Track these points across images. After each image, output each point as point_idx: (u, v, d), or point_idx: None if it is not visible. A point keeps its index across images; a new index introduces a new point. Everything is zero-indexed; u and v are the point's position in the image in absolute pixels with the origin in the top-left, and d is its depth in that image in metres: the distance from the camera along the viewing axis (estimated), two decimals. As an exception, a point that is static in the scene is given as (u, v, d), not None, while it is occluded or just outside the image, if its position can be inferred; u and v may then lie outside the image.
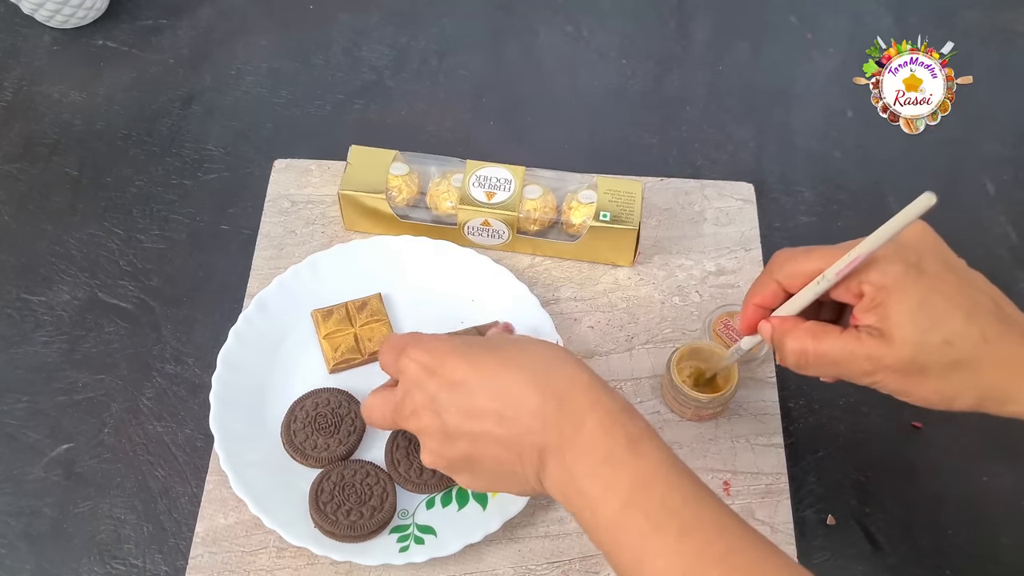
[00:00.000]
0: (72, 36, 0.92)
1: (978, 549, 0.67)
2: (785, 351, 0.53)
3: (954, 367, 0.49)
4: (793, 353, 0.53)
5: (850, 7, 0.98)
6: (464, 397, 0.52)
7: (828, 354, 0.52)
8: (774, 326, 0.55)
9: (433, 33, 0.94)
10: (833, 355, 0.52)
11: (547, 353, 0.54)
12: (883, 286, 0.50)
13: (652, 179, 0.82)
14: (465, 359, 0.53)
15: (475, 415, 0.52)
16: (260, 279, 0.76)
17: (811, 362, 0.53)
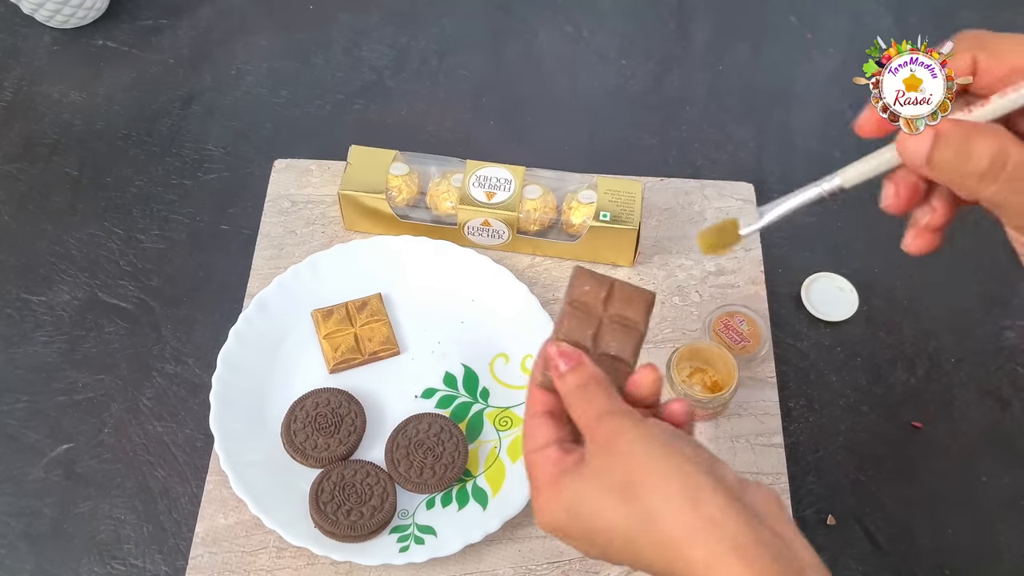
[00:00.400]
0: (72, 36, 0.92)
1: (978, 549, 0.67)
2: (973, 155, 0.39)
3: None
4: (991, 156, 0.39)
5: (850, 7, 0.98)
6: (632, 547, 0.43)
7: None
8: (940, 128, 0.40)
9: (433, 33, 0.94)
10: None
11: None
12: None
13: (652, 179, 0.82)
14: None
15: (638, 561, 0.43)
16: (260, 279, 0.76)
17: (1008, 172, 0.39)
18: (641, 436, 0.43)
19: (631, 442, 0.42)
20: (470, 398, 0.71)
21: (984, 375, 0.75)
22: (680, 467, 0.41)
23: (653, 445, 0.42)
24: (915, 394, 0.74)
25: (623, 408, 0.45)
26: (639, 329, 0.48)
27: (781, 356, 0.74)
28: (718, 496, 0.40)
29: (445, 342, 0.73)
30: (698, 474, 0.41)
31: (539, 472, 0.45)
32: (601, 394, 0.45)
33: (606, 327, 0.48)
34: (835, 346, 0.76)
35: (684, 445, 0.43)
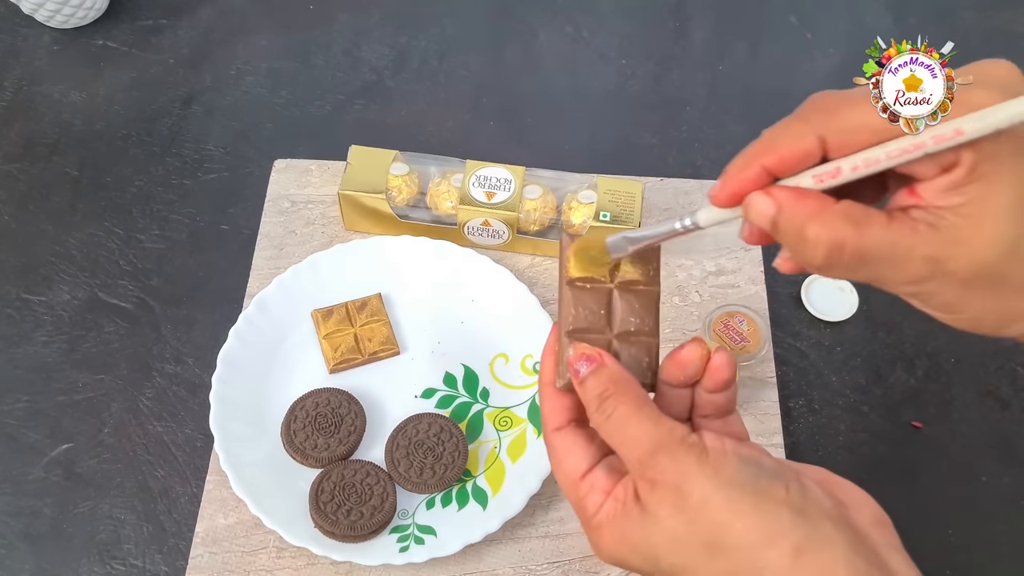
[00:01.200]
0: (72, 36, 0.92)
1: (978, 549, 0.67)
2: (808, 242, 0.36)
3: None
4: (825, 246, 0.36)
5: (850, 7, 0.98)
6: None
7: (873, 250, 0.36)
8: (782, 202, 0.37)
9: (433, 33, 0.94)
10: (880, 252, 0.36)
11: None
12: (993, 157, 0.35)
13: (652, 179, 0.82)
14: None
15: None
16: (260, 279, 0.76)
17: (846, 261, 0.37)
18: (714, 484, 0.37)
19: (707, 493, 0.37)
20: (470, 398, 0.71)
21: (984, 375, 0.75)
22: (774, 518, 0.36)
23: (735, 494, 0.36)
24: (915, 394, 0.74)
25: (676, 437, 0.38)
26: (654, 290, 0.42)
27: (781, 356, 0.74)
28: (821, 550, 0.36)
29: (445, 342, 0.73)
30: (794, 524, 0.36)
31: (590, 505, 0.40)
32: (636, 414, 0.39)
33: (618, 300, 0.42)
34: (835, 346, 0.76)
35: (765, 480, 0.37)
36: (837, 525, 0.37)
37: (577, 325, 0.42)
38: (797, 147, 0.37)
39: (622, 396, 0.39)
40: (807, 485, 0.38)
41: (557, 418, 0.42)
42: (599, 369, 0.40)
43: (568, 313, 0.42)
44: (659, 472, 0.38)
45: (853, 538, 0.37)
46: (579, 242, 0.43)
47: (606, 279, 0.43)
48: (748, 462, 0.38)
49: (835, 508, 0.38)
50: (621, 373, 0.40)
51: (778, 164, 0.37)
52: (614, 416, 0.39)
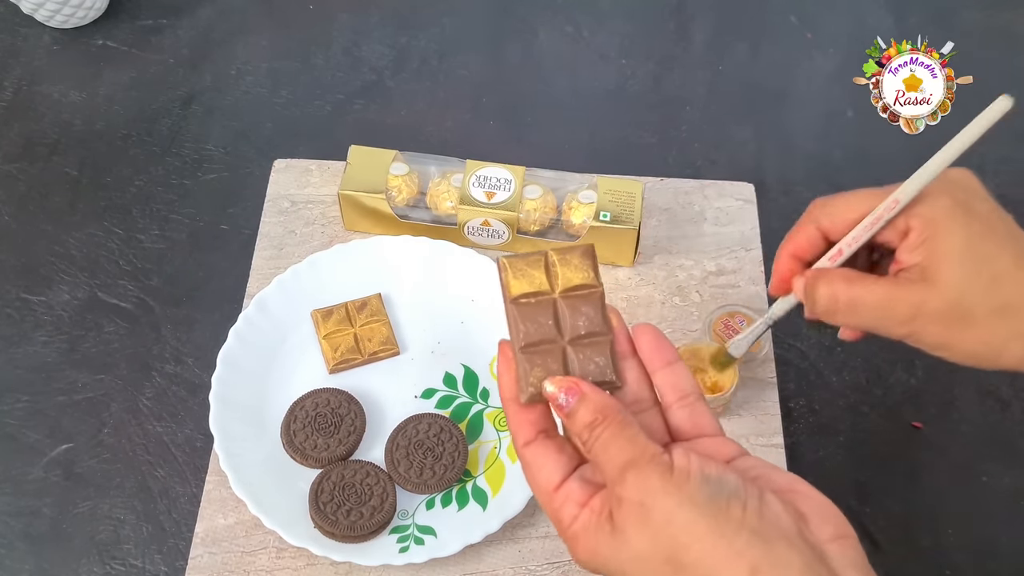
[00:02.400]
0: (72, 36, 0.92)
1: (978, 549, 0.67)
2: (816, 297, 0.49)
3: (1002, 312, 0.46)
4: (824, 298, 0.49)
5: (850, 7, 0.98)
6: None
7: (864, 300, 0.48)
8: (808, 278, 0.50)
9: (433, 33, 0.94)
10: (870, 301, 0.48)
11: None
12: (932, 219, 0.46)
13: (652, 179, 0.82)
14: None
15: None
16: (260, 279, 0.76)
17: (841, 309, 0.49)
18: (676, 501, 0.38)
19: (667, 511, 0.38)
20: (470, 398, 0.71)
21: (984, 375, 0.75)
22: (729, 540, 0.37)
23: (693, 513, 0.38)
24: (915, 394, 0.74)
25: (647, 455, 0.39)
26: (598, 289, 0.43)
27: (781, 356, 0.74)
28: (774, 571, 0.37)
29: (445, 342, 0.73)
30: (750, 545, 0.37)
31: (565, 516, 0.41)
32: (619, 435, 0.40)
33: (564, 308, 0.43)
34: (835, 346, 0.76)
35: (723, 500, 0.38)
36: (793, 545, 0.38)
37: (529, 340, 0.42)
38: (803, 236, 0.51)
39: (608, 422, 0.41)
40: (767, 501, 0.39)
41: (525, 433, 0.43)
42: (583, 399, 0.41)
43: (518, 330, 0.42)
44: (627, 489, 0.39)
45: (809, 557, 0.37)
46: (710, 359, 0.64)
47: (548, 291, 0.43)
48: (709, 481, 0.39)
49: (793, 525, 0.38)
50: (604, 399, 0.42)
51: (795, 250, 0.51)
52: (600, 439, 0.40)
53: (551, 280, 0.43)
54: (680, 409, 0.44)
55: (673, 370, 0.44)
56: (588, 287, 0.43)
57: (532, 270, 0.43)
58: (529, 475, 0.43)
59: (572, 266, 0.43)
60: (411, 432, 0.67)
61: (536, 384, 0.42)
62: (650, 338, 0.44)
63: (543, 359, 0.42)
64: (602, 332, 0.43)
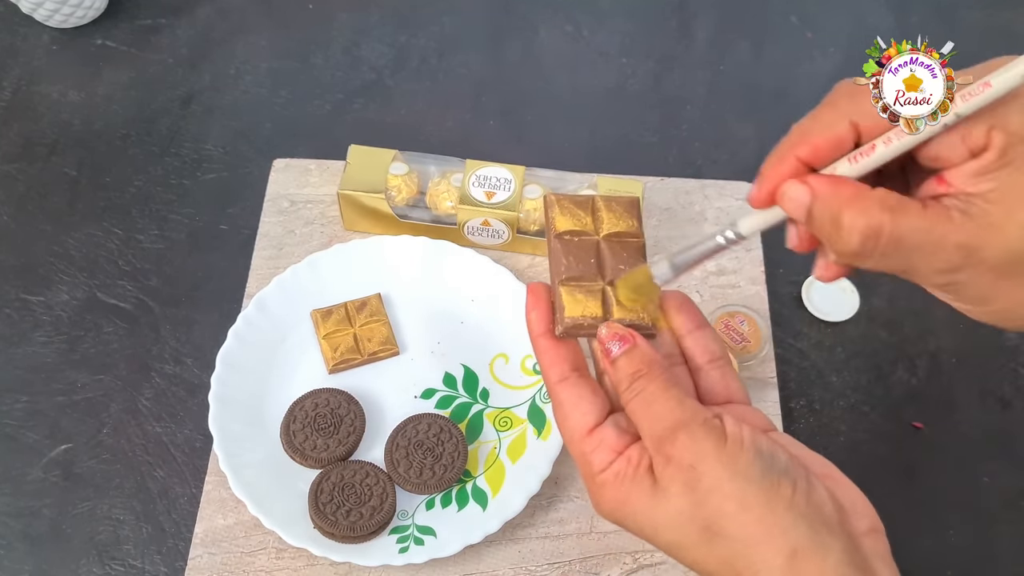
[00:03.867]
0: (71, 36, 0.92)
1: (978, 549, 0.67)
2: (843, 229, 0.36)
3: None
4: (860, 232, 0.36)
5: (850, 7, 0.98)
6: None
7: (907, 237, 0.36)
8: (817, 189, 0.37)
9: (433, 32, 0.94)
10: (914, 238, 0.36)
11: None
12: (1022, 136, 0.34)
13: (652, 179, 0.82)
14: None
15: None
16: (259, 279, 0.76)
17: (881, 247, 0.36)
18: (728, 472, 0.37)
19: (718, 479, 0.37)
20: (470, 398, 0.71)
21: (984, 375, 0.75)
22: (777, 516, 0.37)
23: (745, 485, 0.37)
24: (916, 394, 0.74)
25: (699, 418, 0.38)
26: (640, 240, 0.44)
27: (782, 356, 0.74)
28: (815, 555, 0.36)
29: (445, 342, 0.73)
30: (795, 525, 0.37)
31: (596, 461, 0.40)
32: (664, 393, 0.39)
33: (606, 249, 0.43)
34: (835, 346, 0.75)
35: (775, 477, 0.37)
36: (834, 532, 0.37)
37: (570, 273, 0.43)
38: (830, 134, 0.37)
39: (653, 376, 0.40)
40: (814, 485, 0.39)
41: (560, 369, 0.42)
42: (632, 349, 0.41)
43: (560, 263, 0.43)
44: (677, 449, 0.38)
45: (848, 546, 0.38)
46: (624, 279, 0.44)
47: (593, 232, 0.44)
48: (762, 455, 0.38)
49: (836, 513, 0.38)
50: (653, 354, 0.41)
51: (812, 154, 0.37)
52: (643, 393, 0.40)
53: (596, 223, 0.44)
54: (712, 371, 0.43)
55: (704, 333, 0.44)
56: (631, 235, 0.44)
57: (578, 210, 0.44)
58: (560, 414, 0.42)
59: (617, 213, 0.44)
60: (411, 432, 0.67)
61: (574, 318, 0.42)
62: (679, 302, 0.44)
63: (583, 295, 0.43)
64: None
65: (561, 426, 0.42)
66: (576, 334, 0.42)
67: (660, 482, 0.39)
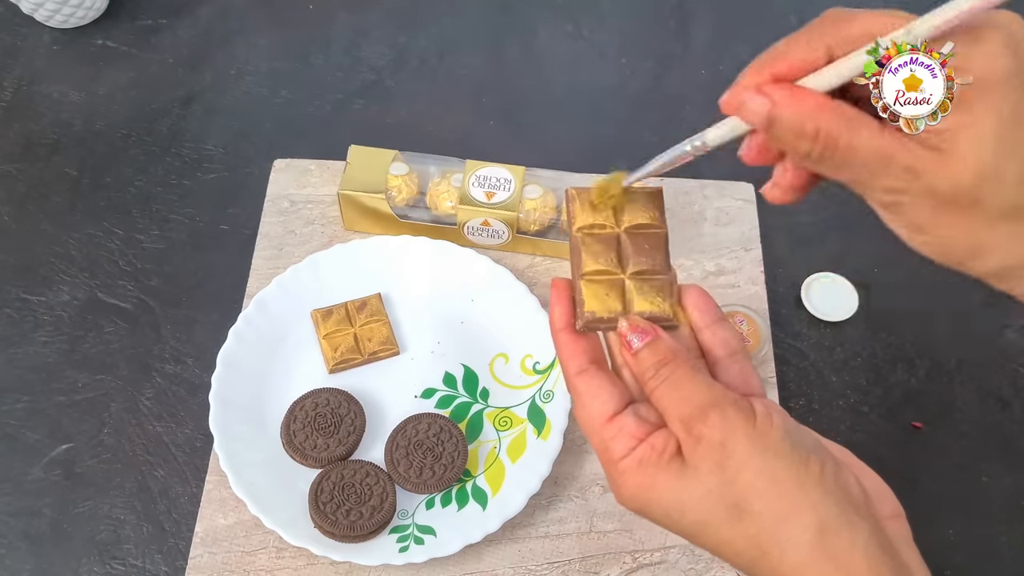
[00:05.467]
0: (72, 36, 0.92)
1: (978, 549, 0.67)
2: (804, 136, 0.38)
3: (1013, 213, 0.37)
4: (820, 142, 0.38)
5: (850, 7, 0.98)
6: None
7: (859, 152, 0.37)
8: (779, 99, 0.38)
9: (433, 33, 0.94)
10: (867, 152, 0.37)
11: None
12: (981, 85, 0.35)
13: (652, 179, 0.82)
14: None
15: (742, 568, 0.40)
16: (260, 279, 0.76)
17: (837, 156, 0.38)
18: (760, 448, 0.38)
19: (748, 456, 0.38)
20: (470, 398, 0.71)
21: (984, 375, 0.75)
22: (806, 492, 0.37)
23: (775, 461, 0.38)
24: (915, 394, 0.74)
25: (729, 398, 0.39)
26: (662, 231, 0.44)
27: (781, 356, 0.74)
28: (843, 532, 0.37)
29: (445, 342, 0.73)
30: (823, 502, 0.37)
31: (617, 448, 0.40)
32: (693, 377, 0.40)
33: (627, 242, 0.43)
34: (835, 346, 0.76)
35: (804, 454, 0.38)
36: (860, 512, 0.38)
37: (591, 268, 0.43)
38: (806, 56, 0.39)
39: (679, 363, 0.41)
40: (841, 468, 0.39)
41: (578, 362, 0.42)
42: (655, 341, 0.41)
43: (580, 258, 0.43)
44: (708, 427, 0.38)
45: (874, 526, 0.38)
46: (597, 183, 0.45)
47: (613, 226, 0.44)
48: (791, 433, 0.39)
49: (862, 496, 0.39)
50: (676, 344, 0.42)
51: (786, 72, 0.39)
52: (671, 378, 0.40)
53: (617, 216, 0.44)
54: (731, 364, 0.43)
55: (722, 327, 0.44)
56: (653, 227, 0.44)
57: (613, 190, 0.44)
58: (579, 405, 0.42)
59: (638, 205, 0.44)
60: (411, 432, 0.67)
61: (594, 312, 0.42)
62: (697, 296, 0.44)
63: (604, 288, 0.43)
64: (663, 271, 0.44)
65: (580, 417, 0.42)
66: (596, 328, 0.43)
67: (689, 462, 0.39)
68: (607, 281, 0.43)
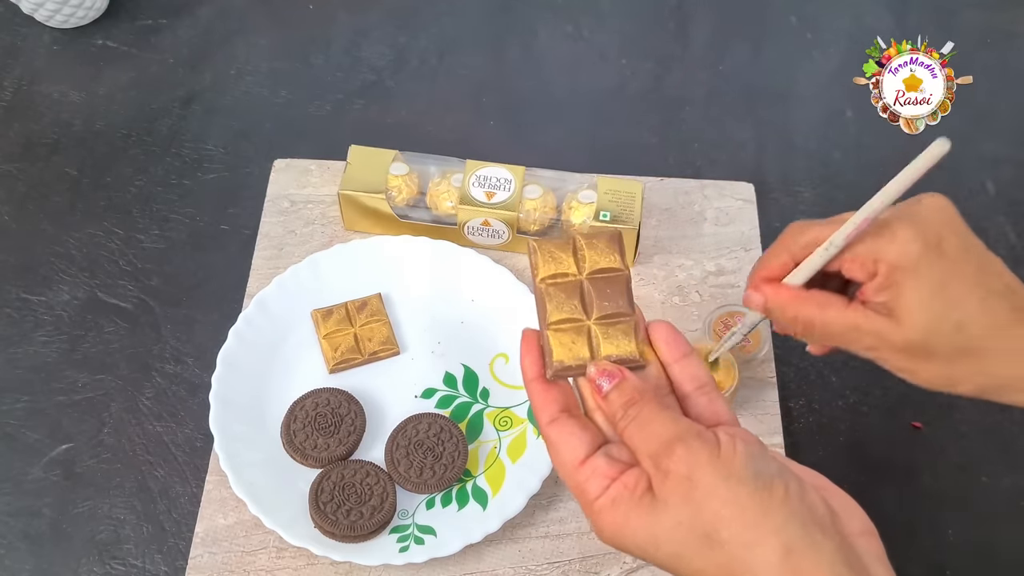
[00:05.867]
0: (72, 36, 0.92)
1: (978, 549, 0.67)
2: (786, 322, 0.52)
3: (962, 353, 0.48)
4: (798, 323, 0.51)
5: (850, 7, 0.98)
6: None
7: (832, 326, 0.50)
8: (768, 296, 0.52)
9: (433, 33, 0.94)
10: (837, 328, 0.50)
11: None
12: (899, 266, 0.47)
13: (652, 179, 0.82)
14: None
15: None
16: (260, 279, 0.76)
17: (815, 333, 0.51)
18: (723, 476, 0.39)
19: (713, 486, 0.39)
20: (470, 398, 0.71)
21: (984, 375, 0.74)
22: (770, 516, 0.38)
23: (738, 488, 0.39)
24: (915, 394, 0.73)
25: (693, 431, 0.41)
26: (623, 273, 0.45)
27: (781, 356, 0.74)
28: (808, 553, 0.38)
29: (445, 342, 0.73)
30: (787, 525, 0.38)
31: (592, 489, 0.42)
32: (659, 414, 0.42)
33: (589, 288, 0.45)
34: (835, 346, 0.75)
35: (767, 479, 0.39)
36: (826, 532, 0.39)
37: (556, 318, 0.44)
38: (776, 264, 0.52)
39: (646, 401, 0.42)
40: (806, 488, 0.40)
41: (549, 411, 0.44)
42: (622, 382, 0.43)
43: (545, 308, 0.45)
44: (674, 461, 0.40)
45: (841, 544, 0.39)
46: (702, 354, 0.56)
47: (575, 274, 0.46)
48: (755, 459, 0.40)
49: (828, 515, 0.40)
50: (642, 384, 0.43)
51: (770, 275, 0.53)
52: (639, 417, 0.42)
53: (578, 263, 0.46)
54: (699, 397, 0.45)
55: (689, 361, 0.45)
56: (614, 270, 0.45)
57: (560, 253, 0.46)
58: (553, 452, 0.44)
59: (598, 250, 0.46)
60: (411, 432, 0.67)
61: (562, 361, 0.44)
62: (665, 332, 0.46)
63: (570, 336, 0.44)
64: (627, 313, 0.45)
65: (556, 463, 0.44)
66: (566, 375, 0.44)
67: (659, 496, 0.40)
68: (573, 328, 0.44)
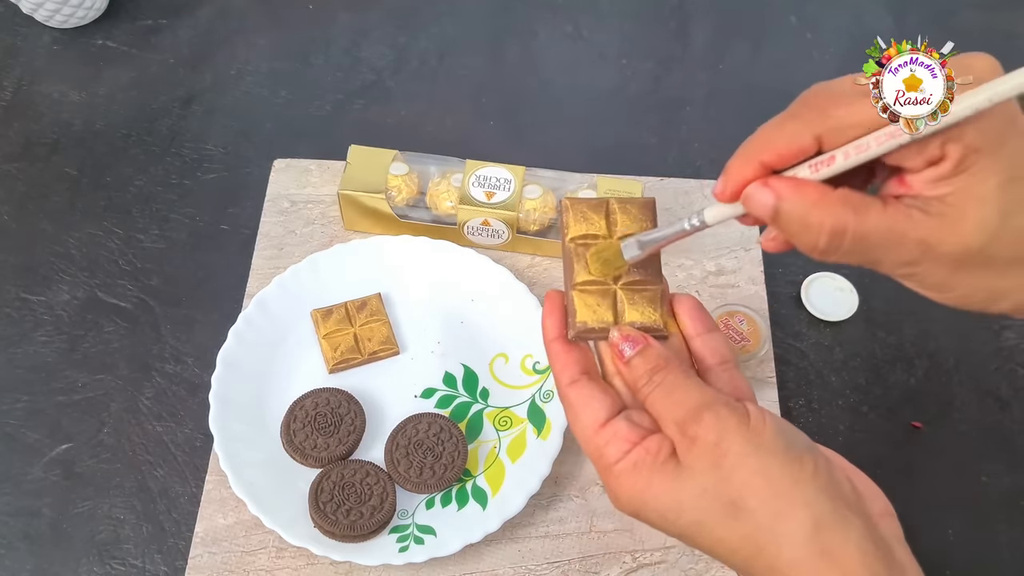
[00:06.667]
0: (72, 36, 0.92)
1: (978, 549, 0.67)
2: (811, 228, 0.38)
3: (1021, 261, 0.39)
4: (828, 232, 0.38)
5: (850, 7, 0.98)
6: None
7: (871, 234, 0.38)
8: (784, 194, 0.38)
9: (433, 33, 0.94)
10: (877, 236, 0.38)
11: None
12: (978, 148, 0.36)
13: (652, 179, 0.82)
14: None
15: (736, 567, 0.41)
16: (260, 279, 0.76)
17: (846, 245, 0.38)
18: (754, 447, 0.38)
19: (742, 455, 0.38)
20: (470, 398, 0.71)
21: (984, 375, 0.75)
22: (800, 489, 0.38)
23: (769, 459, 0.38)
24: (915, 394, 0.74)
25: (721, 400, 0.40)
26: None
27: (781, 356, 0.74)
28: (837, 528, 0.38)
29: (445, 342, 0.73)
30: (817, 499, 0.38)
31: (611, 452, 0.41)
32: (686, 381, 0.41)
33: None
34: (835, 346, 0.76)
35: (797, 452, 0.39)
36: (853, 509, 0.39)
37: (583, 278, 0.43)
38: (795, 145, 0.39)
39: (671, 368, 0.41)
40: (833, 466, 0.40)
41: (570, 372, 0.43)
42: (646, 348, 0.42)
43: (572, 268, 0.44)
44: (703, 427, 0.39)
45: (867, 523, 0.39)
46: (595, 249, 0.45)
47: (606, 236, 0.45)
48: (784, 433, 0.40)
49: (853, 493, 0.40)
50: (666, 351, 0.42)
51: (776, 161, 0.39)
52: (664, 383, 0.41)
53: (610, 226, 0.45)
54: (722, 372, 0.44)
55: (713, 336, 0.45)
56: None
57: (592, 213, 0.45)
58: (572, 414, 0.43)
59: (632, 215, 0.45)
60: (411, 432, 0.67)
61: (585, 323, 0.43)
62: (689, 305, 0.45)
63: (595, 299, 0.44)
64: (654, 282, 0.44)
65: (574, 426, 0.43)
66: (588, 337, 0.43)
67: (684, 462, 0.40)
68: (599, 291, 0.44)
